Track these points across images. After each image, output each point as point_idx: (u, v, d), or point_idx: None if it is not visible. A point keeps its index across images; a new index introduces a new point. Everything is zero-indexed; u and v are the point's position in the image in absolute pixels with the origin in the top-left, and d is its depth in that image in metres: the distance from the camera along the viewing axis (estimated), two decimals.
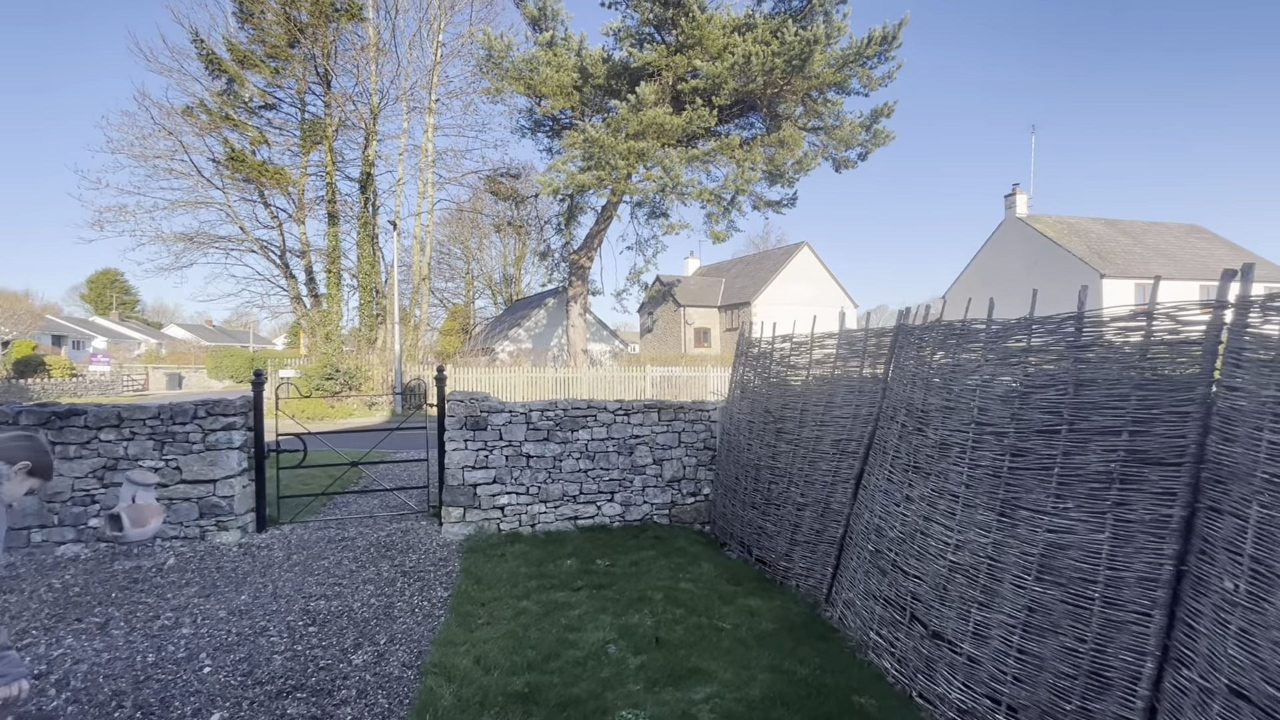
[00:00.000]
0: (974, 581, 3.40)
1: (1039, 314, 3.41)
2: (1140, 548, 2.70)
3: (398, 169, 24.71)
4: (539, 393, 21.62)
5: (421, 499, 7.99)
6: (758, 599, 5.02)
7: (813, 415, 5.51)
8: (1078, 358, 3.06)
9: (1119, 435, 2.84)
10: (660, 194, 20.92)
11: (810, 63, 17.63)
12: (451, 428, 6.74)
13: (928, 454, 3.97)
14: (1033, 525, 3.13)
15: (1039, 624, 3.03)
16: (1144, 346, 2.83)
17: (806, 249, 37.39)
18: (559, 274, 28.25)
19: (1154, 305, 2.82)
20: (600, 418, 7.14)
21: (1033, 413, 3.23)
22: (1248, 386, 2.46)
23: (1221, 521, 2.47)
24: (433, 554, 6.07)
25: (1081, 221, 31.42)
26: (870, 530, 4.49)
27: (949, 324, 4.02)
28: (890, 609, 4.05)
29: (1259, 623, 2.23)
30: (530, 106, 23.07)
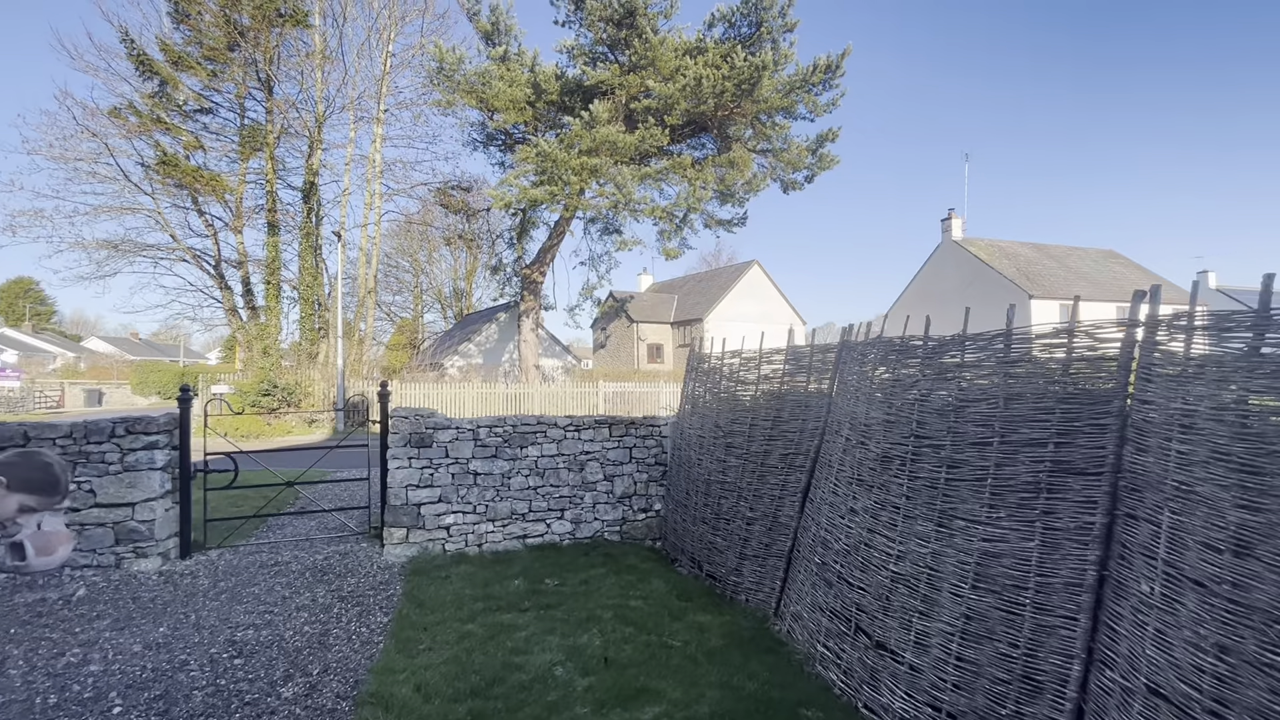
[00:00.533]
0: (915, 591, 3.48)
1: (972, 331, 3.57)
2: (1066, 554, 2.83)
3: (344, 179, 24.08)
4: (489, 409, 21.22)
5: (362, 520, 7.67)
6: (708, 615, 5.01)
7: (761, 430, 5.58)
8: (1008, 373, 3.21)
9: (1045, 446, 2.98)
10: (613, 210, 21.04)
11: (759, 87, 18.17)
12: (395, 445, 6.52)
13: (870, 467, 4.07)
14: (968, 535, 3.24)
15: (976, 631, 3.12)
16: (1067, 362, 2.99)
17: (757, 267, 38.21)
18: (511, 289, 27.96)
19: (1074, 323, 2.99)
20: (551, 433, 7.04)
21: (967, 425, 3.36)
22: (1158, 400, 2.62)
23: (1138, 528, 2.61)
24: (373, 577, 5.82)
25: (1011, 245, 33.30)
26: (817, 543, 4.56)
27: (889, 340, 4.16)
28: (836, 620, 4.11)
29: (1172, 623, 2.36)
30: (482, 120, 22.90)
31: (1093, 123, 72.23)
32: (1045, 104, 74.46)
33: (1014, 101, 75.75)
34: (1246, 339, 2.29)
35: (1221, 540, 2.23)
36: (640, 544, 7.22)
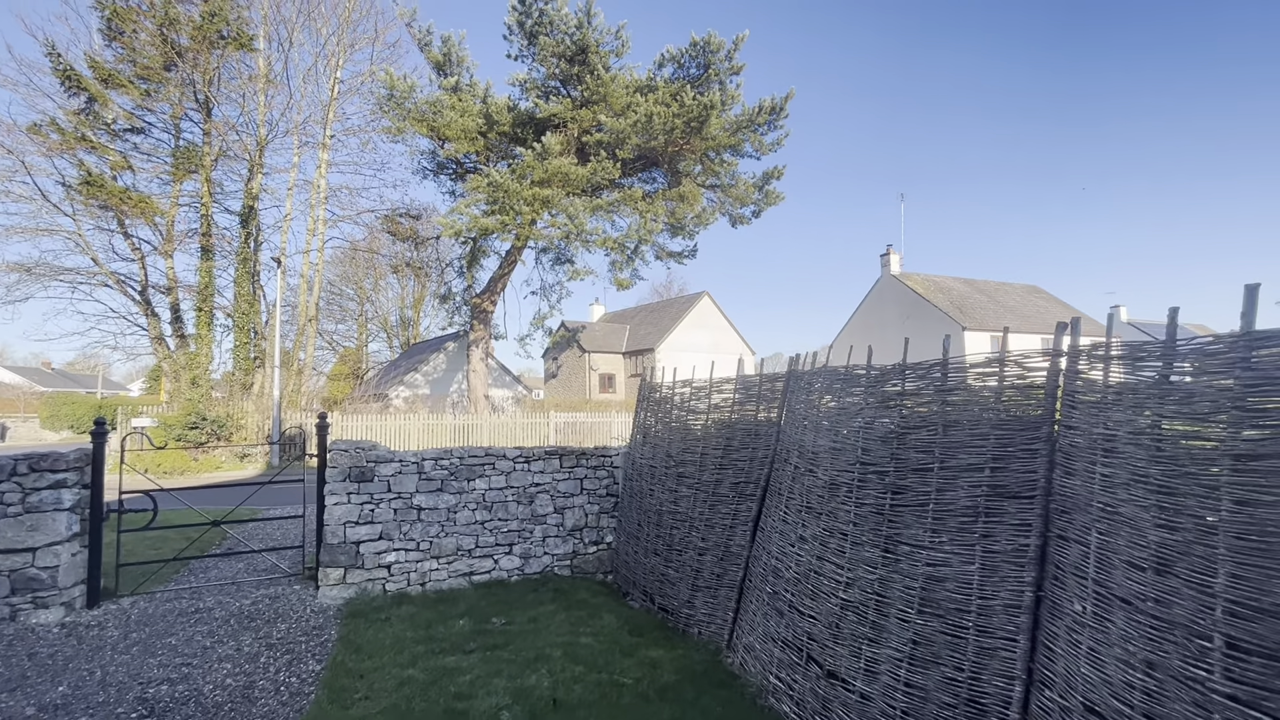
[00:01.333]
0: (864, 617, 3.51)
1: (911, 360, 3.70)
2: (1004, 577, 2.92)
3: (286, 204, 23.33)
4: (436, 441, 20.60)
5: (296, 561, 7.23)
6: (660, 649, 4.91)
7: (712, 458, 5.60)
8: (945, 401, 3.34)
9: (982, 471, 3.09)
10: (565, 240, 21.12)
11: (707, 125, 18.76)
12: (333, 480, 6.22)
13: (819, 494, 4.13)
14: (913, 559, 3.31)
15: (923, 656, 3.16)
16: (999, 390, 3.13)
17: (707, 298, 38.90)
18: (460, 317, 27.49)
19: (1004, 353, 3.15)
20: (499, 465, 6.87)
21: (909, 452, 3.46)
22: (1082, 425, 2.77)
23: (1069, 549, 2.73)
24: (306, 622, 5.47)
25: (945, 280, 35.09)
26: (768, 572, 4.56)
27: (834, 370, 4.27)
28: (788, 651, 4.09)
29: (1104, 641, 2.45)
30: (433, 149, 22.74)
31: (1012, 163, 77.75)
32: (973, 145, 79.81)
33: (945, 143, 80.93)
34: (1157, 368, 2.46)
35: (1144, 559, 2.35)
36: (591, 578, 7.06)
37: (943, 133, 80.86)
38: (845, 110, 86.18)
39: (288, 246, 23.56)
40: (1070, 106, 74.53)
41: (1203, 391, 2.27)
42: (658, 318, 40.07)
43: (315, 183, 23.75)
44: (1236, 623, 2.02)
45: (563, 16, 18.59)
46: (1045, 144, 74.85)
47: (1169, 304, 2.41)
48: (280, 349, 20.88)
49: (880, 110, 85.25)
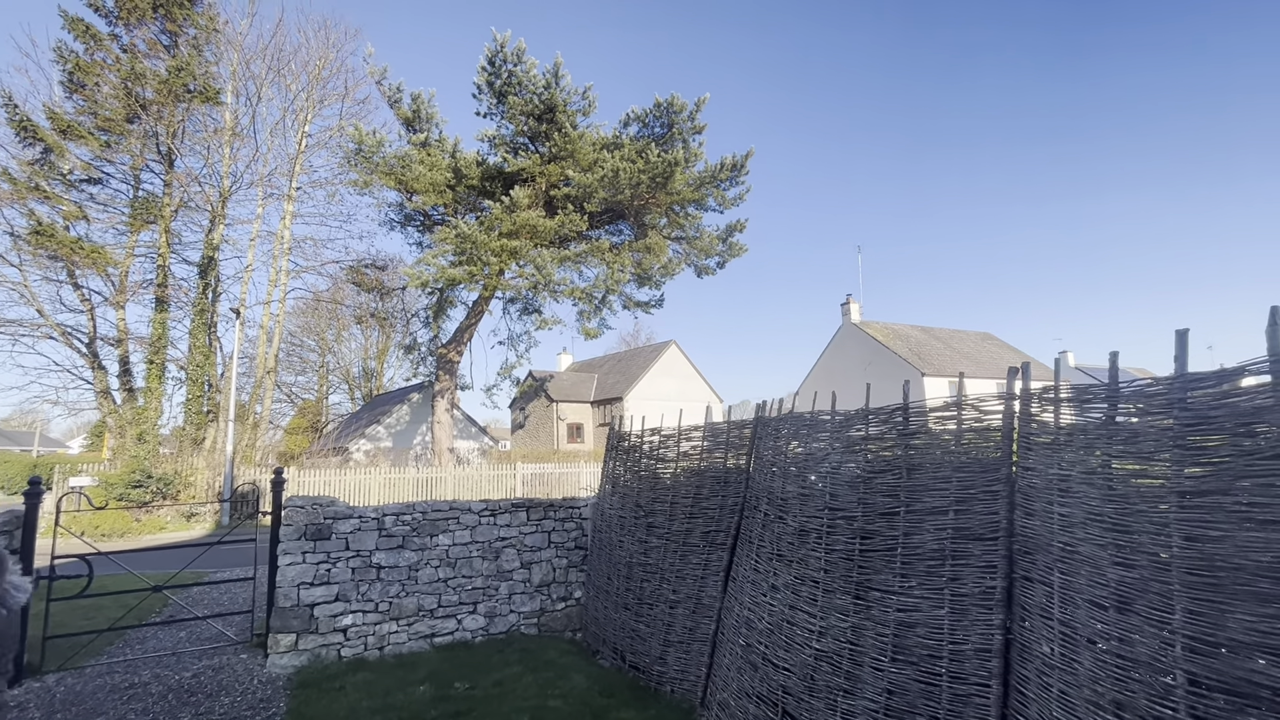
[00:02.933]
0: (838, 668, 3.46)
1: (874, 406, 3.79)
2: (974, 620, 2.93)
3: (247, 255, 22.98)
4: (398, 495, 19.91)
5: (244, 627, 6.80)
6: (631, 711, 4.72)
7: (682, 507, 5.55)
8: (908, 444, 3.41)
9: (947, 514, 3.14)
10: (533, 291, 21.23)
11: (672, 181, 19.39)
12: (288, 538, 5.94)
13: (789, 541, 4.12)
14: (884, 605, 3.30)
15: (898, 707, 3.11)
16: (959, 433, 3.22)
17: (674, 347, 39.27)
18: (425, 368, 27.09)
19: (962, 397, 3.25)
20: (464, 519, 6.66)
21: (876, 496, 3.50)
22: (1038, 466, 2.86)
23: (1033, 590, 2.76)
24: (252, 694, 5.10)
25: (903, 328, 36.27)
26: (741, 624, 4.48)
27: (800, 415, 4.34)
28: (763, 706, 3.98)
29: (1073, 683, 2.46)
30: (401, 201, 22.88)
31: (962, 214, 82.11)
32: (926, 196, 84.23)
33: (899, 195, 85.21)
34: (1103, 409, 2.57)
35: (1105, 597, 2.39)
36: (560, 636, 6.80)
37: (897, 185, 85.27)
38: (803, 165, 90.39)
39: (248, 297, 23.09)
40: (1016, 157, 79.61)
41: (1146, 431, 2.38)
42: (626, 367, 40.18)
43: (279, 234, 23.54)
44: (1196, 659, 2.06)
45: (531, 78, 19.25)
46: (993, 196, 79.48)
47: (1111, 348, 2.54)
48: (236, 402, 20.16)
49: (836, 165, 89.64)
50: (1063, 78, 75.10)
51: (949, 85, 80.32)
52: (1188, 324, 2.31)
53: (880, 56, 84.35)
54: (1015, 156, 77.30)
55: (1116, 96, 73.37)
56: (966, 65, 78.22)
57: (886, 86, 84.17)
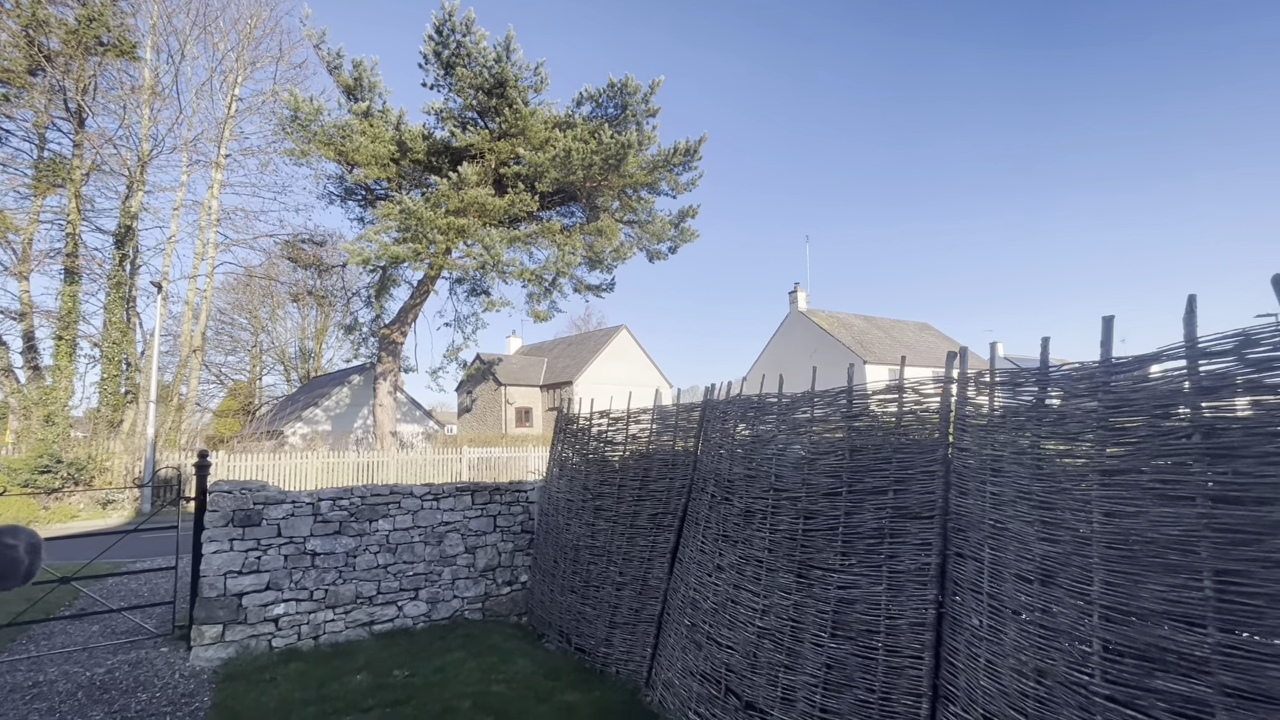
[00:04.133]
0: (779, 645, 3.53)
1: (819, 389, 3.85)
2: (910, 595, 3.03)
3: (170, 225, 21.47)
4: (337, 480, 19.21)
5: (165, 619, 6.42)
6: (576, 692, 4.71)
7: (630, 490, 5.54)
8: (851, 426, 3.48)
9: (886, 494, 3.22)
10: (481, 271, 20.71)
11: (625, 163, 19.21)
12: (214, 525, 5.62)
13: (735, 522, 4.16)
14: (825, 583, 3.38)
15: (836, 680, 3.20)
16: (900, 415, 3.30)
17: (625, 332, 39.24)
18: (367, 349, 26.18)
19: (903, 380, 3.34)
20: (405, 504, 6.47)
21: (819, 477, 3.56)
22: (972, 447, 2.96)
23: (965, 565, 2.87)
24: (173, 689, 4.83)
25: (847, 317, 37.38)
26: (687, 604, 4.52)
27: (748, 398, 4.37)
28: (707, 684, 4.04)
29: (999, 653, 2.58)
30: (341, 174, 21.85)
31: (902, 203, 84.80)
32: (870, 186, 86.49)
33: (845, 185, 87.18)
34: (1034, 393, 2.68)
35: (1030, 571, 2.50)
36: (505, 621, 6.73)
37: (842, 176, 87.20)
38: (755, 154, 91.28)
39: (171, 271, 21.62)
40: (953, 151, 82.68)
41: (1072, 413, 2.49)
42: (576, 351, 39.92)
43: (206, 204, 22.08)
44: (1111, 627, 2.18)
45: (481, 50, 18.61)
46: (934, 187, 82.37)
47: (1038, 338, 2.65)
48: (158, 382, 18.93)
49: (787, 155, 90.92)
50: (1031, 65, 77.94)
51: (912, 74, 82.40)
52: (1114, 314, 2.42)
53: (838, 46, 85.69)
54: (959, 146, 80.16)
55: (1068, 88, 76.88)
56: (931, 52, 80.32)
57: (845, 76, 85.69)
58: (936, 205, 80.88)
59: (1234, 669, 1.87)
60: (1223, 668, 1.89)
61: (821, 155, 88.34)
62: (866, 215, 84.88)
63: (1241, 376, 2.04)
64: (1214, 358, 2.11)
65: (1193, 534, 2.02)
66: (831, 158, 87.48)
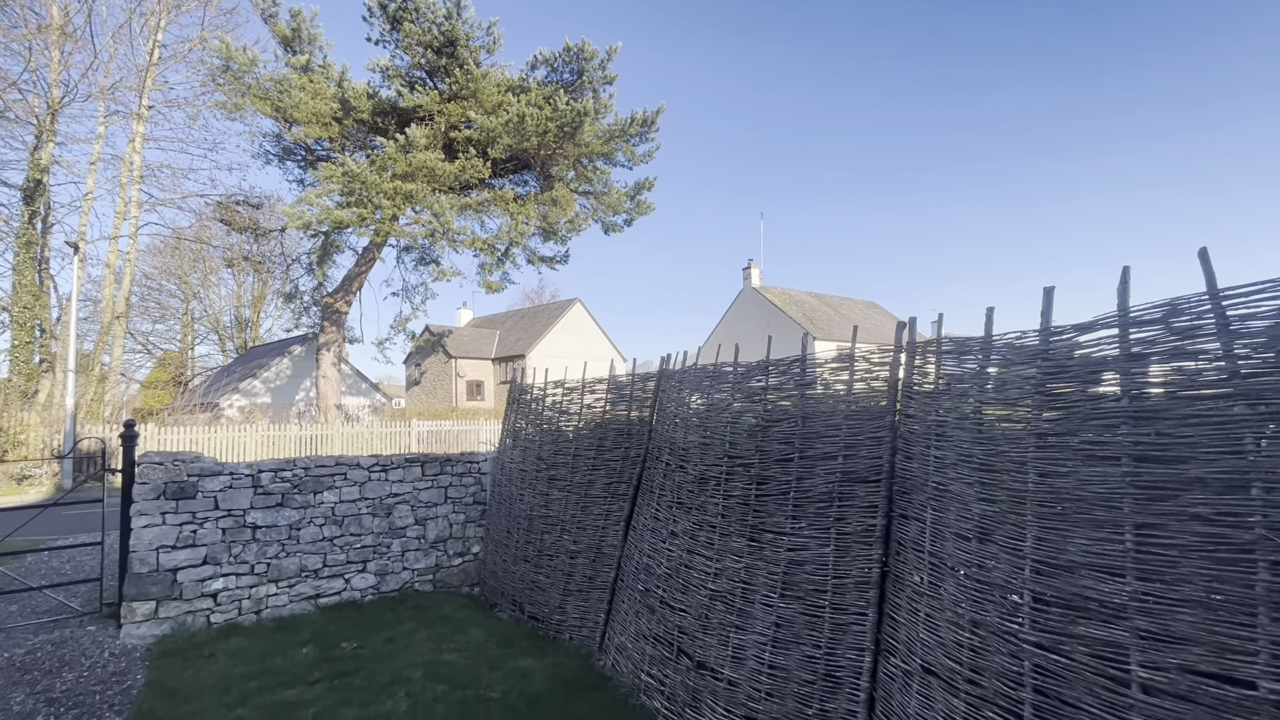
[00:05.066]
0: (731, 606, 3.62)
1: (773, 359, 3.91)
2: (855, 556, 3.15)
3: (87, 180, 19.86)
4: (279, 454, 18.53)
5: (91, 597, 6.10)
6: (530, 659, 4.74)
7: (585, 460, 5.54)
8: (804, 394, 3.55)
9: (836, 459, 3.32)
10: (430, 239, 20.04)
11: (581, 131, 18.80)
12: (144, 498, 5.33)
13: (689, 489, 4.22)
14: (776, 546, 3.47)
15: (785, 638, 3.32)
16: (850, 384, 3.39)
17: (579, 305, 38.92)
18: (309, 319, 25.09)
19: (854, 350, 3.42)
20: (352, 475, 6.29)
21: (773, 444, 3.63)
22: (919, 414, 3.07)
23: (909, 526, 3.00)
24: (103, 668, 4.61)
25: (798, 294, 38.11)
26: (640, 570, 4.58)
27: (704, 368, 4.40)
28: (660, 646, 4.12)
29: (938, 607, 2.71)
30: (279, 131, 20.61)
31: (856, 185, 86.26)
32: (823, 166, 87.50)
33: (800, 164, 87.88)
34: (978, 360, 2.78)
35: (969, 530, 2.63)
36: (457, 592, 6.68)
37: (798, 154, 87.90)
38: (711, 129, 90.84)
39: (89, 231, 20.08)
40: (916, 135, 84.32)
41: (1013, 380, 2.60)
42: (529, 324, 39.40)
43: (127, 158, 20.49)
44: (1041, 579, 2.32)
45: (430, 4, 17.74)
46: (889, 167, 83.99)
47: (983, 313, 2.74)
48: (77, 351, 17.70)
49: (743, 130, 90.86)
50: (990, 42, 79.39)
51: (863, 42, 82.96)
52: (1056, 286, 2.52)
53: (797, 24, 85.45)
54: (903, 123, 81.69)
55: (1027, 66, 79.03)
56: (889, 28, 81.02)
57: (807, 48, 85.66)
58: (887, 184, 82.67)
59: (1148, 614, 2.02)
60: (1139, 613, 2.03)
61: (778, 129, 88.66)
62: (823, 191, 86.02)
63: (1166, 344, 2.17)
64: (1143, 326, 2.23)
65: (1117, 491, 2.15)
66: (789, 132, 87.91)
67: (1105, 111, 75.15)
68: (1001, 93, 76.90)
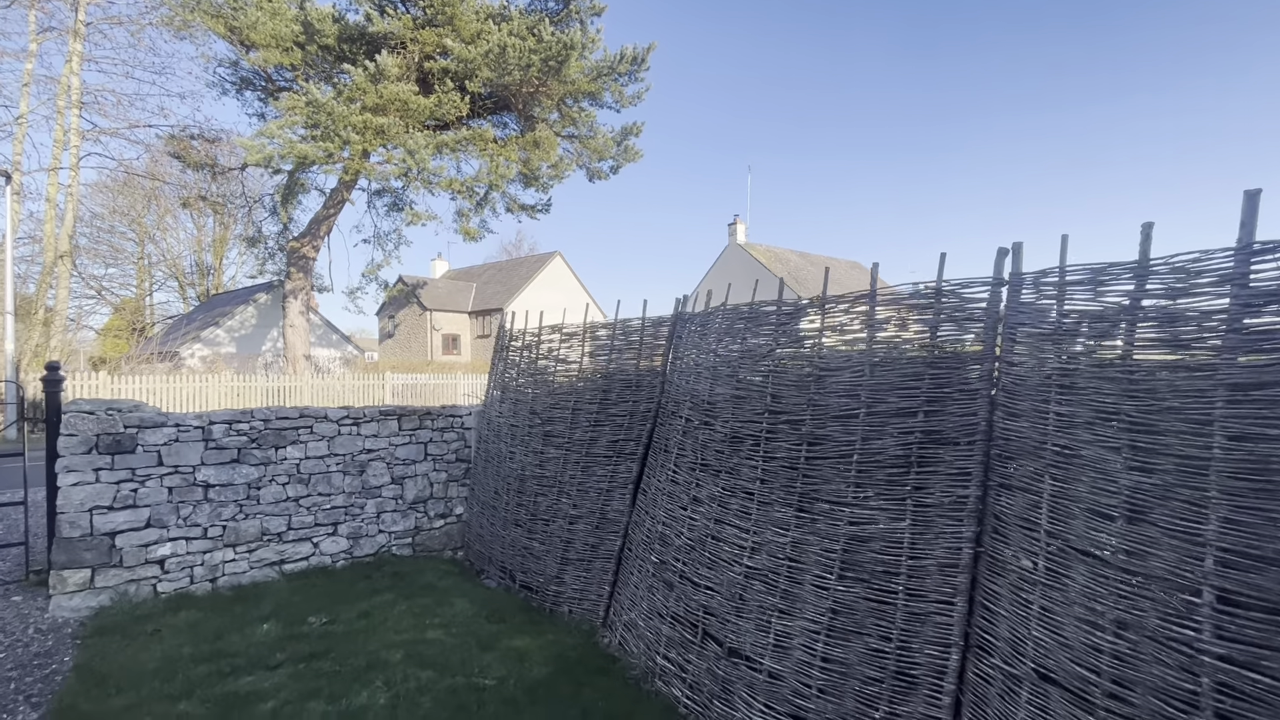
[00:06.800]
0: (773, 587, 3.07)
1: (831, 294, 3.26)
2: (940, 533, 2.59)
3: (19, 103, 18.03)
4: (245, 405, 17.56)
5: (19, 563, 5.37)
6: (525, 637, 4.19)
7: (586, 415, 4.90)
8: (873, 338, 2.93)
9: (915, 416, 2.72)
10: (404, 180, 18.73)
11: (567, 66, 17.50)
12: (72, 452, 4.57)
13: (717, 449, 3.62)
14: (833, 518, 2.90)
15: (843, 626, 2.78)
16: (934, 324, 2.76)
17: (559, 259, 37.75)
18: (274, 265, 23.75)
19: (941, 282, 2.78)
20: (319, 429, 5.57)
21: (829, 397, 3.02)
22: (1028, 360, 2.47)
23: (1013, 498, 2.43)
24: (24, 649, 3.93)
25: (783, 252, 37.42)
26: (654, 539, 4.01)
27: (736, 308, 3.75)
28: (679, 627, 3.58)
29: (1060, 600, 2.17)
30: (235, 58, 18.87)
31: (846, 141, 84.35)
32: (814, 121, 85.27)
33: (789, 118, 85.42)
34: (1128, 290, 2.17)
35: (1113, 506, 2.07)
36: (439, 556, 6.10)
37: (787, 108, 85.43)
38: (700, 77, 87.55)
39: (25, 162, 18.35)
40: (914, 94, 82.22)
41: (1186, 314, 1.99)
42: (507, 277, 38.17)
43: (64, 80, 18.59)
44: (1231, 574, 1.77)
45: None
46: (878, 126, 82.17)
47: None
48: (16, 294, 16.31)
49: (732, 80, 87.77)
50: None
51: None
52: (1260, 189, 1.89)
53: None
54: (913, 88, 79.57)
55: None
56: None
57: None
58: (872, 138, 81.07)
59: None
60: None
61: (768, 78, 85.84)
62: (809, 145, 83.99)
63: None
64: None
65: None
66: (778, 81, 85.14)
67: (1117, 67, 73.37)
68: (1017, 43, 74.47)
